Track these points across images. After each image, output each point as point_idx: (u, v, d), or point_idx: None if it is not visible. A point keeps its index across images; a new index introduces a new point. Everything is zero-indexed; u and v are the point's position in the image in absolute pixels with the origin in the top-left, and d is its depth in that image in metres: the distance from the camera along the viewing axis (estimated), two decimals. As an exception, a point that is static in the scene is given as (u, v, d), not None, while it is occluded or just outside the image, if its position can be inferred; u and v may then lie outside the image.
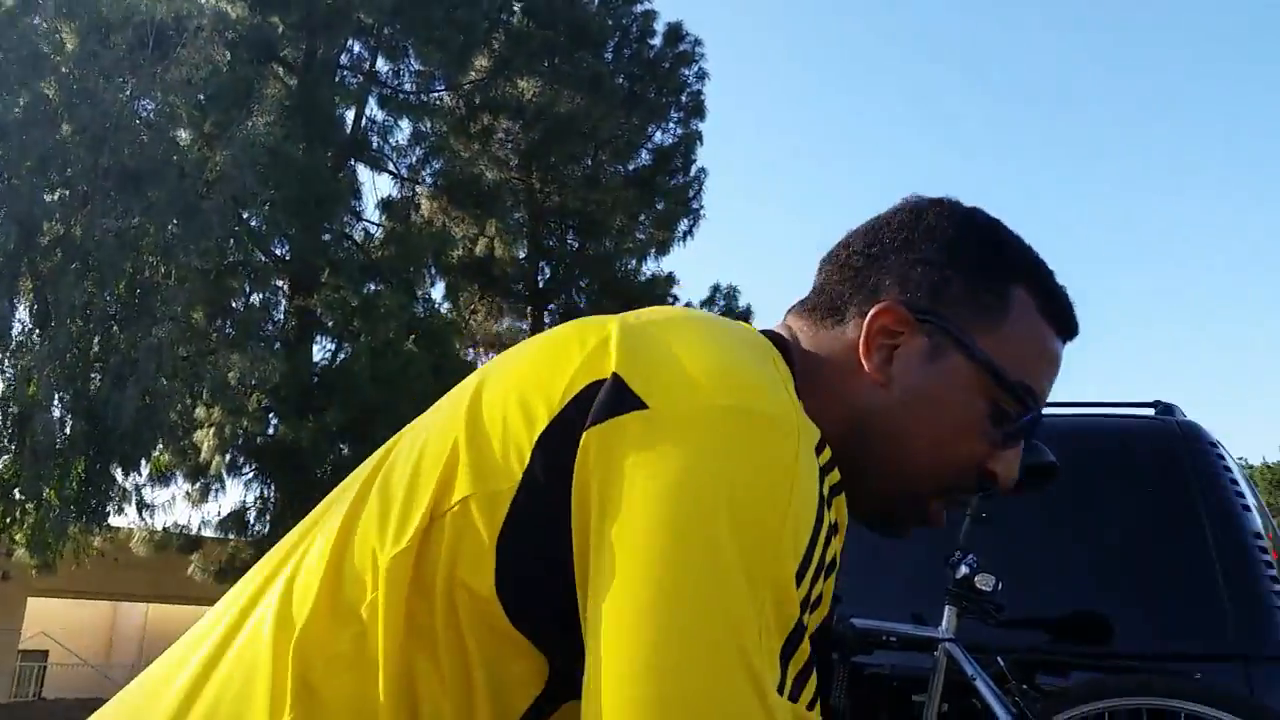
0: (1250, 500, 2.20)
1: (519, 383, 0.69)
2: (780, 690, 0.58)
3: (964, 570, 2.07)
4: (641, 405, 0.63)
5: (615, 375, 0.65)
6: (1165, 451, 2.25)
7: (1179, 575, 2.07)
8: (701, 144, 16.73)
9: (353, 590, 0.67)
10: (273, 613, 0.69)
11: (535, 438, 0.65)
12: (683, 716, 0.55)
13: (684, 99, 16.70)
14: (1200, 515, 2.10)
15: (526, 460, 0.65)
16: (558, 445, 0.65)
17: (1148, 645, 2.06)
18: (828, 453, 0.70)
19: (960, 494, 0.81)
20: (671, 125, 16.78)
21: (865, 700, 2.22)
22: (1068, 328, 0.83)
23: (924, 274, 0.79)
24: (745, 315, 15.84)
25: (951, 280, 0.79)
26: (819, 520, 0.63)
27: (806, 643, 0.62)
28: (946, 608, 2.08)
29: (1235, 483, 2.19)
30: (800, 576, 0.61)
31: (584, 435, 0.64)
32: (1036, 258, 0.83)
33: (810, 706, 0.62)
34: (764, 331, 0.81)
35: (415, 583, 0.65)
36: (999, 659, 2.01)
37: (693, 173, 16.62)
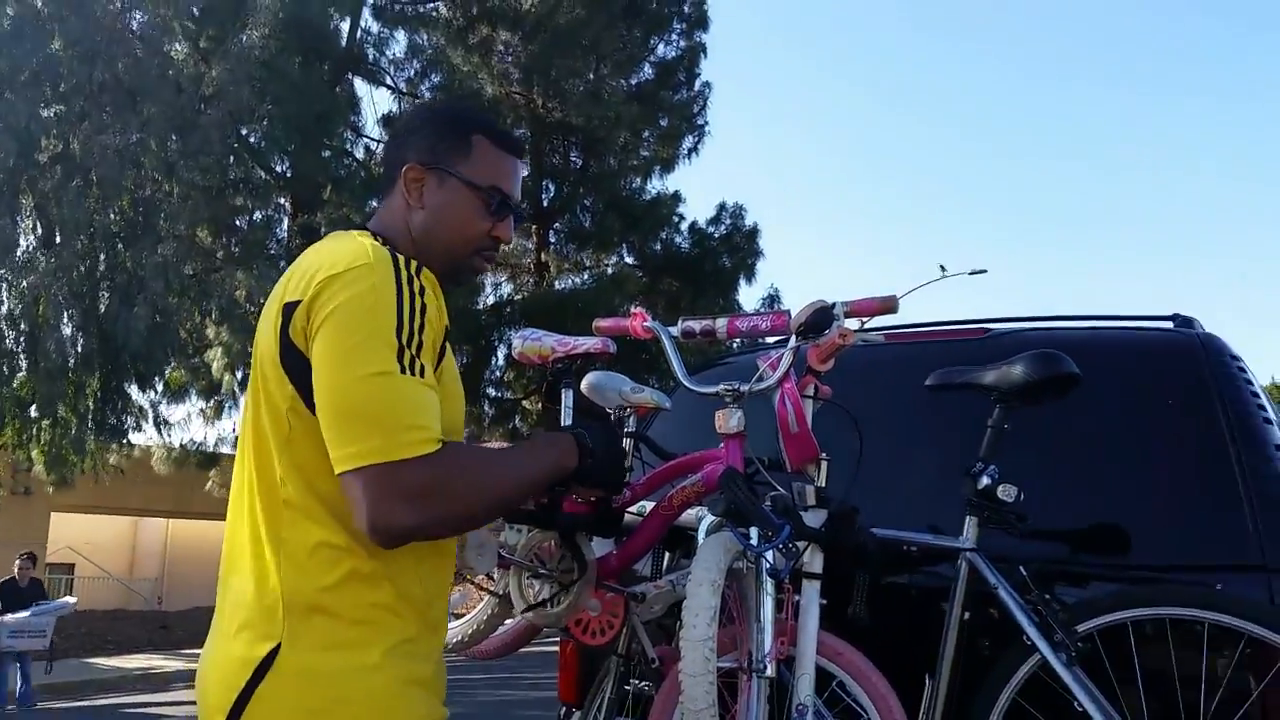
0: (1272, 414, 2.22)
1: (263, 329, 1.40)
2: (411, 371, 1.28)
3: (985, 481, 2.09)
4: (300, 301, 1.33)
5: (289, 302, 1.34)
6: (1187, 364, 2.25)
7: (1201, 487, 2.09)
8: (705, 57, 16.40)
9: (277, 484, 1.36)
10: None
11: (278, 350, 1.34)
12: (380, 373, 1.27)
13: (686, 9, 16.28)
14: (1223, 428, 2.11)
15: (280, 359, 1.34)
16: (286, 341, 1.33)
17: (1170, 556, 2.09)
18: (413, 261, 1.35)
19: (487, 251, 1.53)
20: (674, 37, 16.41)
21: (885, 610, 2.26)
22: (512, 146, 1.56)
23: (421, 143, 1.50)
24: (752, 233, 15.71)
25: (435, 142, 1.50)
26: (399, 297, 1.30)
27: (421, 348, 1.31)
28: (967, 518, 2.11)
29: (1257, 396, 2.20)
30: (399, 323, 1.29)
31: (290, 321, 1.32)
32: (483, 116, 1.61)
33: (422, 373, 1.31)
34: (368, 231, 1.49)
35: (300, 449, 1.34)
36: (1021, 569, 2.04)
37: (697, 87, 16.32)
